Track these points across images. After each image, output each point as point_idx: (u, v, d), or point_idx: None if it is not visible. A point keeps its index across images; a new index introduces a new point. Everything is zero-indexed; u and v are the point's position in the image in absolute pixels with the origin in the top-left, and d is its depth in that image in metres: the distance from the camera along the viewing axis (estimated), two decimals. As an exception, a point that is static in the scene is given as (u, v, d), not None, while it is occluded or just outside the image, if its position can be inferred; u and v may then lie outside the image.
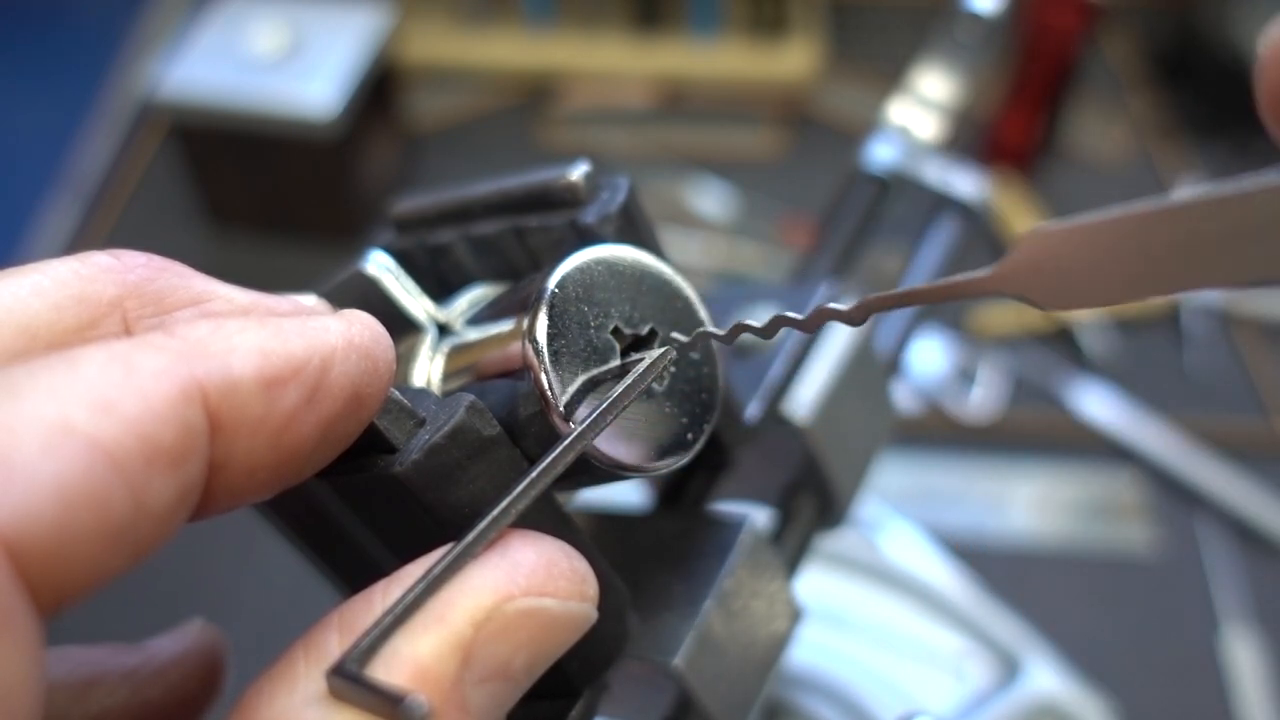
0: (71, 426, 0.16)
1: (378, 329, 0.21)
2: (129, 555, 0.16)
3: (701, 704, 0.25)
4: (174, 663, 0.25)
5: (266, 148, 0.87)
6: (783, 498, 0.31)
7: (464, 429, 0.21)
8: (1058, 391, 0.83)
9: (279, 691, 0.18)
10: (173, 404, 0.17)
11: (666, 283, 0.24)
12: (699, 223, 0.96)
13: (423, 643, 0.18)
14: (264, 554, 0.75)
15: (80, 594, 0.16)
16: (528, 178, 0.25)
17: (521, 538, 0.20)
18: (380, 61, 0.90)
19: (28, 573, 0.15)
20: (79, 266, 0.20)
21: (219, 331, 0.18)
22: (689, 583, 0.26)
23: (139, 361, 0.17)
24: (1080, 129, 1.01)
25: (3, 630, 0.15)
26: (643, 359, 0.23)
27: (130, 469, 0.16)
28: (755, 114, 1.04)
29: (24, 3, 1.24)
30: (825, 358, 0.31)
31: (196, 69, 0.86)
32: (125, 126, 1.05)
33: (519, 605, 0.19)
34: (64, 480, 0.15)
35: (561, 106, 1.05)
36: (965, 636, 0.57)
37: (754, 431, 0.28)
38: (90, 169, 1.02)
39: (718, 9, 1.04)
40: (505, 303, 0.25)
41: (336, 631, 0.19)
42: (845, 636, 0.56)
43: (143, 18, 1.14)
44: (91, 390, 0.16)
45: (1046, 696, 0.53)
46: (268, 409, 0.18)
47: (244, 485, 0.18)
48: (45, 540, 0.15)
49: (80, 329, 0.20)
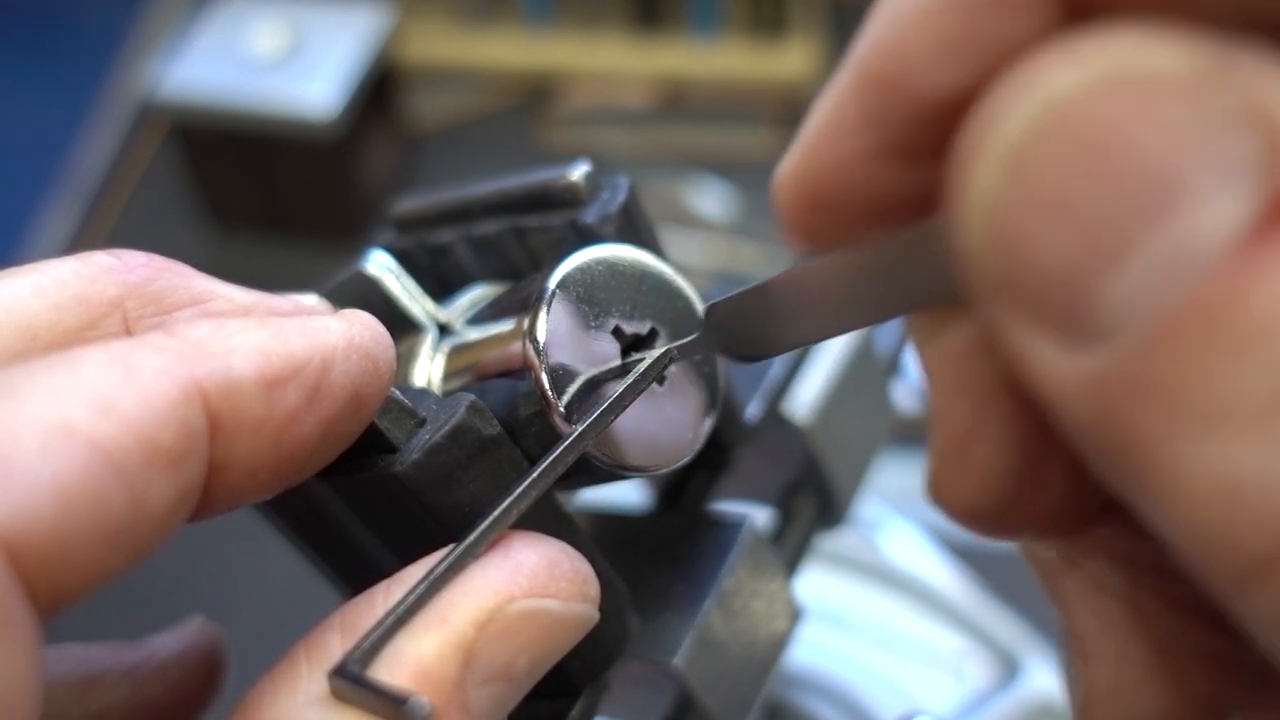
0: (71, 427, 0.16)
1: (378, 329, 0.21)
2: (128, 556, 0.16)
3: (702, 704, 0.25)
4: (174, 660, 0.25)
5: (266, 148, 0.87)
6: (783, 498, 0.31)
7: (464, 428, 0.21)
8: (1058, 391, 0.83)
9: (281, 692, 0.18)
10: (173, 404, 0.17)
11: (667, 283, 0.24)
12: (699, 223, 0.96)
13: (425, 644, 0.18)
14: (264, 554, 0.75)
15: (78, 594, 0.16)
16: (528, 178, 0.25)
17: (523, 539, 0.20)
18: (380, 61, 0.90)
19: (26, 573, 0.15)
20: (79, 267, 0.20)
21: (219, 332, 0.18)
22: (689, 583, 0.26)
23: (139, 362, 0.17)
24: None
25: (1, 631, 0.15)
26: (643, 359, 0.23)
27: (129, 470, 0.16)
28: (755, 114, 1.04)
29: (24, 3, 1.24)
30: (825, 358, 0.31)
31: (196, 69, 0.86)
32: (125, 126, 1.05)
33: (521, 606, 0.19)
34: (63, 481, 0.15)
35: (561, 106, 1.05)
36: (965, 636, 0.57)
37: (754, 431, 0.28)
38: (90, 169, 1.02)
39: (718, 9, 1.04)
40: (506, 302, 0.25)
41: (338, 632, 0.19)
42: (845, 636, 0.56)
43: (143, 18, 1.14)
44: (91, 391, 0.16)
45: (1046, 696, 0.53)
46: (268, 409, 0.18)
47: (244, 485, 0.18)
48: (44, 541, 0.15)
49: (80, 329, 0.20)
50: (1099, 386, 0.13)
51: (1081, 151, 0.13)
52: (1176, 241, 0.12)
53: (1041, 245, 0.13)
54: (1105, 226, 0.13)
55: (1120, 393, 0.13)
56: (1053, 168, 0.13)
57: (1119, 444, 0.13)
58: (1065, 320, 0.13)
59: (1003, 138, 0.13)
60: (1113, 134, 0.13)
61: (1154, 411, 0.12)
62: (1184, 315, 0.12)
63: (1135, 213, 0.12)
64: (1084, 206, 0.13)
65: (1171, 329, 0.12)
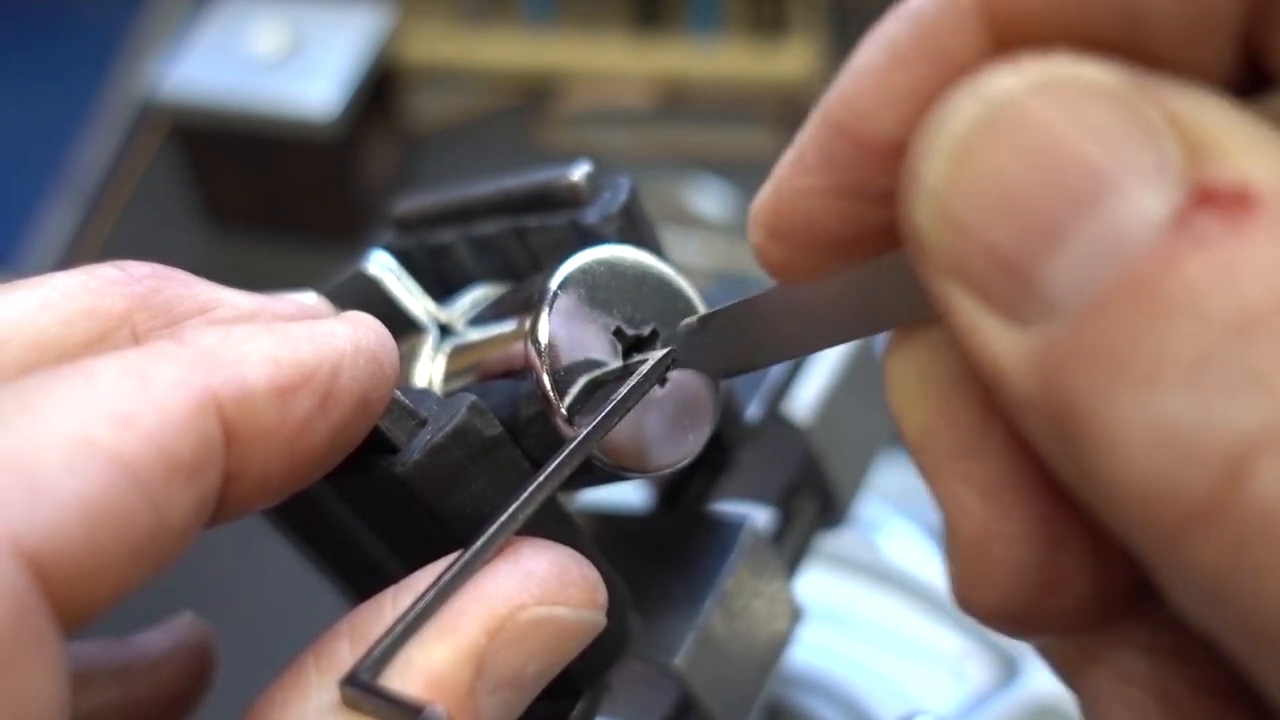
0: (93, 441, 0.16)
1: (382, 332, 0.21)
2: (149, 568, 0.16)
3: (702, 704, 0.25)
4: (165, 658, 0.25)
5: (266, 148, 0.87)
6: (783, 498, 0.31)
7: (466, 429, 0.21)
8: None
9: (291, 701, 0.18)
10: (190, 416, 0.17)
11: (668, 283, 0.24)
12: (699, 223, 0.96)
13: (436, 652, 0.18)
14: (264, 554, 0.75)
15: (101, 609, 0.16)
16: (529, 178, 0.25)
17: (533, 546, 0.20)
18: (380, 61, 0.90)
19: (53, 591, 0.15)
20: (86, 279, 0.20)
21: (229, 339, 0.18)
22: (689, 583, 0.26)
23: (154, 373, 0.17)
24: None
25: (32, 653, 0.15)
26: (645, 360, 0.23)
27: (151, 483, 0.16)
28: (755, 114, 1.04)
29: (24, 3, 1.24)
30: (825, 358, 0.31)
31: (196, 69, 0.87)
32: (125, 126, 1.05)
33: (532, 614, 0.19)
34: (88, 497, 0.15)
35: (561, 107, 1.05)
36: (965, 636, 0.57)
37: (754, 431, 0.28)
38: (90, 169, 1.02)
39: (718, 9, 1.04)
40: (507, 303, 0.25)
41: (347, 640, 0.19)
42: (845, 636, 0.56)
43: (143, 18, 1.14)
44: (110, 403, 0.16)
45: (1046, 697, 0.53)
46: (281, 418, 0.18)
47: (257, 493, 0.18)
48: (71, 558, 0.15)
49: (89, 343, 0.20)
50: (1042, 359, 0.14)
51: (1021, 145, 0.14)
52: (1107, 228, 0.14)
53: (986, 229, 0.14)
54: (1043, 213, 0.14)
55: (1062, 363, 0.14)
56: (995, 159, 0.14)
57: (1062, 411, 0.14)
58: (1010, 299, 0.14)
59: (950, 131, 0.15)
60: (1050, 130, 0.14)
61: (1093, 376, 0.13)
62: (1116, 290, 0.13)
63: (1070, 201, 0.14)
64: (1023, 194, 0.14)
65: (1105, 302, 0.13)
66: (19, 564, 0.15)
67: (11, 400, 0.16)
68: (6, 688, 0.14)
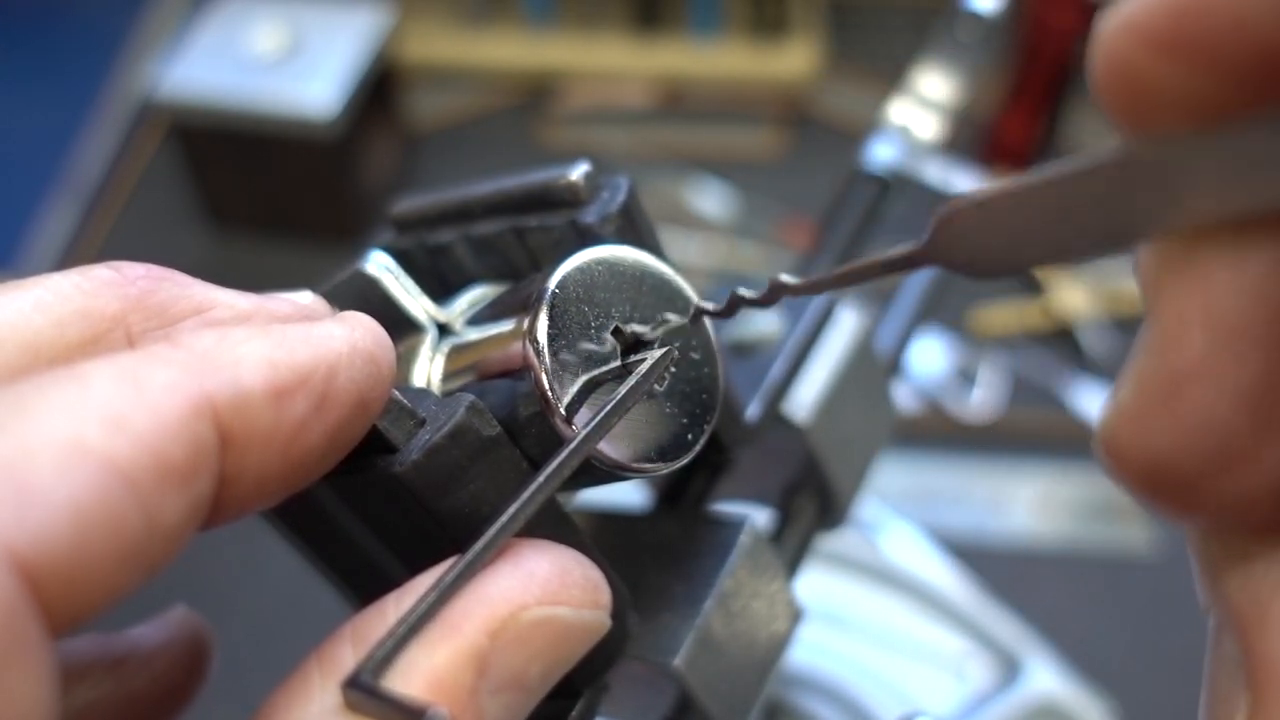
0: (85, 445, 0.16)
1: (379, 332, 0.21)
2: (141, 573, 0.16)
3: (701, 704, 0.25)
4: (159, 652, 0.24)
5: (266, 148, 0.87)
6: (783, 498, 0.31)
7: (464, 429, 0.21)
8: (1058, 391, 0.83)
9: (295, 704, 0.18)
10: (184, 420, 0.17)
11: (667, 283, 0.24)
12: (699, 223, 0.96)
13: (438, 654, 0.18)
14: (264, 554, 0.75)
15: (92, 614, 0.16)
16: (528, 178, 0.25)
17: (534, 547, 0.20)
18: (380, 61, 0.90)
19: (45, 596, 0.15)
20: (80, 281, 0.20)
21: (224, 342, 0.18)
22: (689, 583, 0.26)
23: (148, 376, 0.17)
24: (1080, 128, 1.01)
25: (21, 659, 0.15)
26: (644, 359, 0.23)
27: (144, 487, 0.16)
28: (755, 114, 1.04)
29: (24, 3, 1.24)
30: (825, 358, 0.31)
31: (196, 69, 0.87)
32: (125, 126, 1.05)
33: (534, 615, 0.19)
34: (80, 501, 0.15)
35: (561, 106, 1.05)
36: (965, 637, 0.57)
37: (754, 431, 0.28)
38: (90, 169, 1.02)
39: (718, 9, 1.04)
40: (505, 303, 0.25)
41: (350, 643, 0.19)
42: (845, 636, 0.56)
43: (143, 18, 1.14)
44: (103, 407, 0.16)
45: (1047, 697, 0.53)
46: (277, 421, 0.18)
47: (253, 496, 0.18)
48: (63, 564, 0.15)
49: (84, 345, 0.19)
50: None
51: None
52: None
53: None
54: None
55: None
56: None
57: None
58: None
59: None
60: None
61: None
62: None
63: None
64: None
65: None
66: (9, 569, 0.15)
67: (3, 404, 0.16)
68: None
